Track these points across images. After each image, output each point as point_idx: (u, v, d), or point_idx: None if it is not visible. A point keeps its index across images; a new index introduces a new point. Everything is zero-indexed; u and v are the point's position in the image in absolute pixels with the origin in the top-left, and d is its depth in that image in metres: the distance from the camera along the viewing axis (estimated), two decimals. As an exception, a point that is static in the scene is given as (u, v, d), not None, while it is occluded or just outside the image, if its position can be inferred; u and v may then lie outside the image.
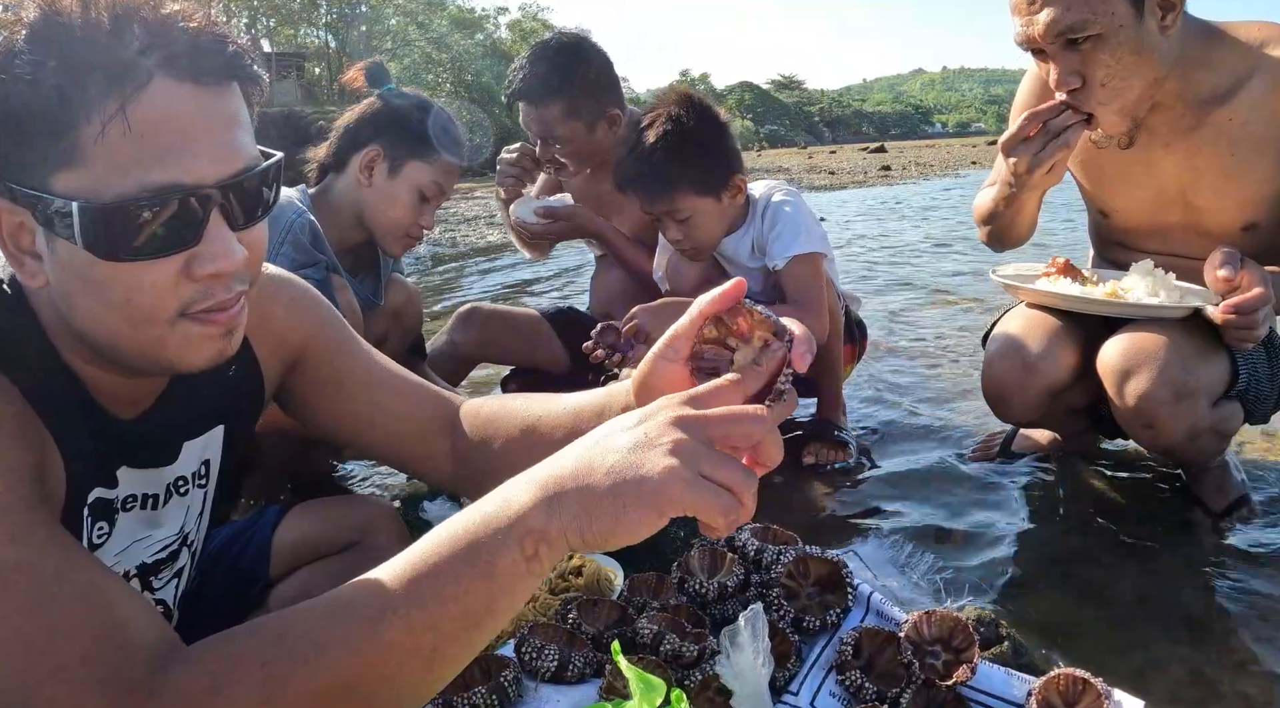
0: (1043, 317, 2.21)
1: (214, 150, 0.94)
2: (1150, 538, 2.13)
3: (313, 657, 0.85)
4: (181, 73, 0.90)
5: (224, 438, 1.34)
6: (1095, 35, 1.84)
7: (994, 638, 1.62)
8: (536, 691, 1.38)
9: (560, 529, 0.83)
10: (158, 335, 0.98)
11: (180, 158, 0.90)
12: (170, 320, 0.97)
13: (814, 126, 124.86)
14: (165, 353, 1.00)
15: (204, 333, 1.00)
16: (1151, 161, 2.08)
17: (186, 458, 1.26)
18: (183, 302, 0.96)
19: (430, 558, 0.87)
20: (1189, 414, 1.95)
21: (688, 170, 2.44)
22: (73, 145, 0.87)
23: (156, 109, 0.89)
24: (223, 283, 0.98)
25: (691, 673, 1.40)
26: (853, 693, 1.40)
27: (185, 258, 0.94)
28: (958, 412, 3.11)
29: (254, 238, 1.02)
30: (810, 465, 2.64)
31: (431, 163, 2.41)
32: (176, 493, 1.26)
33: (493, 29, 50.55)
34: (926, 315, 4.80)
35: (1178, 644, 1.70)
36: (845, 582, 1.63)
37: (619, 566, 1.83)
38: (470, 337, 3.24)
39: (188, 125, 0.91)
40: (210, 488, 1.36)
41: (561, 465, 0.86)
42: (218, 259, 0.95)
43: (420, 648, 0.86)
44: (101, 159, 0.88)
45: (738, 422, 0.86)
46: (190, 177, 0.91)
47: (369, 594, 0.87)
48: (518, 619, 1.58)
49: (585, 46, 2.99)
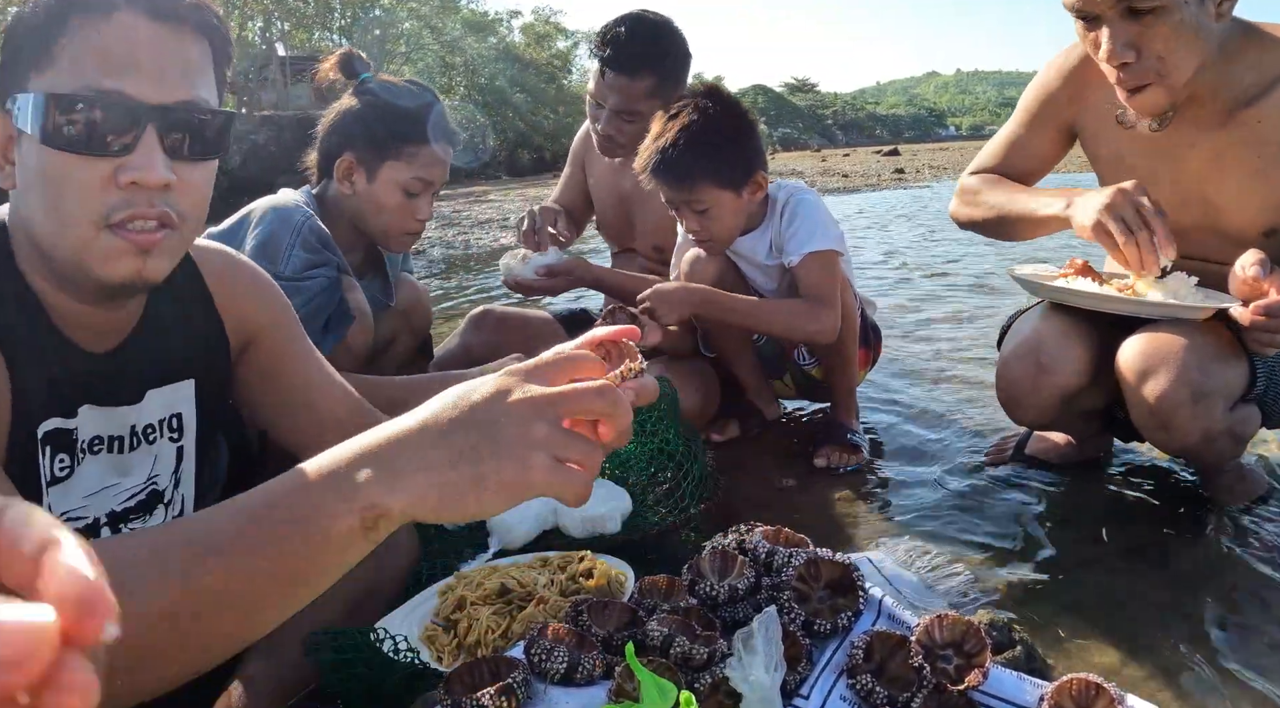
0: (1058, 317, 2.20)
1: (158, 76, 1.11)
2: (1165, 543, 2.12)
3: (131, 586, 0.81)
4: (143, 8, 1.10)
5: (195, 394, 1.43)
6: (1159, 6, 1.79)
7: (1006, 642, 1.61)
8: (546, 693, 1.38)
9: (404, 507, 0.82)
10: (83, 240, 1.11)
11: (126, 73, 1.09)
12: (95, 224, 1.10)
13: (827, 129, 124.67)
14: (89, 260, 1.12)
15: (122, 246, 1.12)
16: (1176, 156, 2.06)
17: (152, 405, 1.35)
18: (107, 207, 1.10)
19: (266, 507, 0.85)
20: (1206, 416, 1.93)
21: (709, 162, 2.44)
22: (48, 55, 1.09)
23: (116, 33, 1.09)
24: (144, 195, 1.11)
25: (702, 676, 1.40)
26: (864, 697, 1.39)
27: (113, 166, 1.09)
28: (971, 415, 3.09)
29: (193, 176, 1.16)
30: (822, 468, 2.63)
31: (409, 160, 2.32)
32: (145, 441, 1.34)
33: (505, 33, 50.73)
34: (941, 317, 4.78)
35: (1192, 650, 1.69)
36: (857, 585, 1.62)
37: (629, 568, 1.83)
38: (483, 339, 3.25)
39: (139, 50, 1.10)
40: (188, 445, 1.43)
41: (405, 437, 0.84)
42: (141, 170, 1.09)
43: (238, 595, 0.84)
44: (66, 65, 1.08)
45: (583, 399, 0.85)
46: (132, 90, 1.08)
47: (203, 530, 0.85)
48: (528, 620, 1.58)
49: (676, 29, 2.96)
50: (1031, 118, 2.33)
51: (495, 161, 35.14)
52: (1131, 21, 1.83)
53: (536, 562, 1.84)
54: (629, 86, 2.85)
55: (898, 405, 3.25)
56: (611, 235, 3.44)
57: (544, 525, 2.05)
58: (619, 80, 2.85)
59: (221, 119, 1.17)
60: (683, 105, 2.48)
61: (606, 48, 2.85)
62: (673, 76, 2.88)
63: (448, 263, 8.63)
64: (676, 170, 2.44)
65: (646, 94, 2.84)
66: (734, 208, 2.52)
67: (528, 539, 2.02)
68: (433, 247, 9.70)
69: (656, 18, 2.95)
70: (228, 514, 0.85)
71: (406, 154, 2.32)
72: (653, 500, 2.20)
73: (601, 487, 2.08)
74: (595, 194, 3.36)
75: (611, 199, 3.27)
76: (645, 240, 3.24)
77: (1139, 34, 1.84)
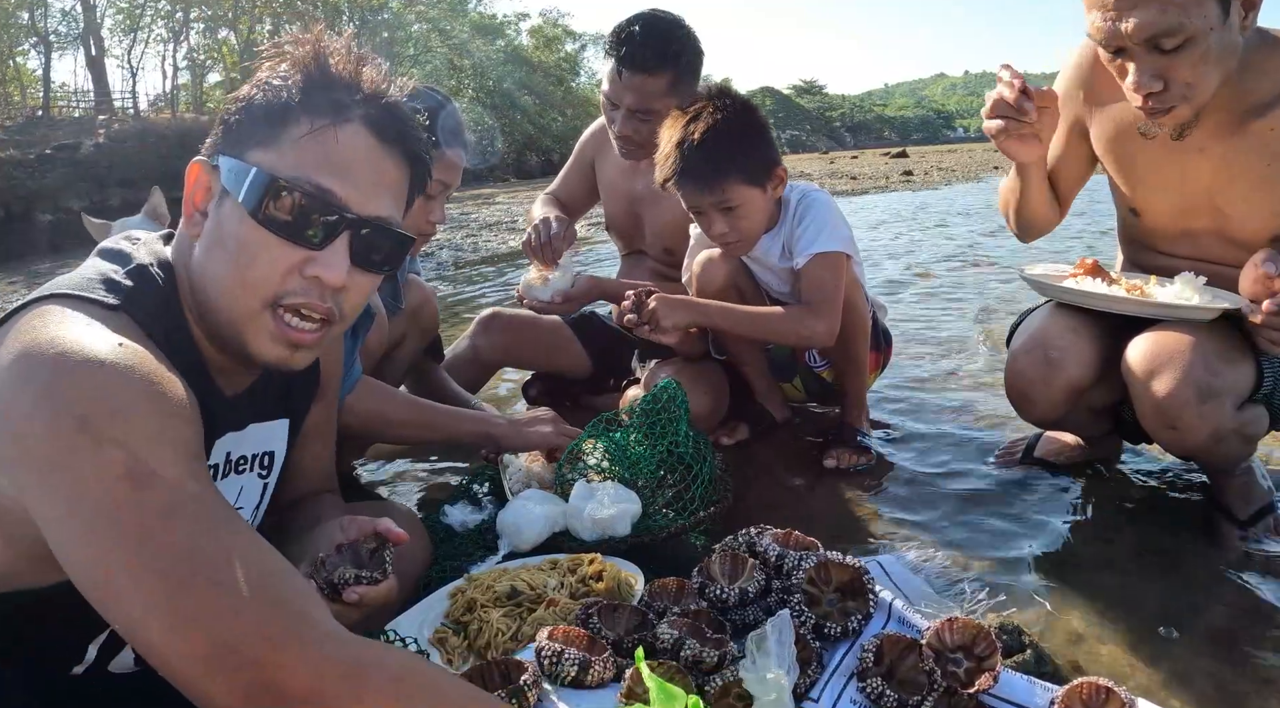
0: (1067, 314, 2.20)
1: (368, 191, 1.22)
2: (1174, 547, 2.11)
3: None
4: (372, 126, 1.23)
5: (287, 433, 1.51)
6: (1187, 39, 1.77)
7: (1017, 646, 1.61)
8: (556, 695, 1.38)
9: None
10: (249, 311, 1.20)
11: (344, 179, 1.20)
12: (265, 301, 1.20)
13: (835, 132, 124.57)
14: (246, 331, 1.21)
15: (280, 333, 1.21)
16: (1185, 163, 2.05)
17: (251, 437, 1.41)
18: (283, 289, 1.20)
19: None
20: (1214, 415, 1.93)
21: (738, 159, 2.44)
22: (278, 135, 1.19)
23: (344, 140, 1.21)
24: (319, 290, 1.21)
25: (712, 679, 1.40)
26: (874, 700, 1.39)
27: (305, 257, 1.19)
28: (981, 417, 3.09)
29: (362, 283, 1.26)
30: (832, 470, 2.63)
31: None
32: (234, 470, 1.39)
33: (513, 35, 50.83)
34: (950, 319, 4.77)
35: (1201, 655, 1.68)
36: (867, 588, 1.62)
37: (639, 570, 1.83)
38: (492, 342, 3.25)
39: (361, 163, 1.22)
40: (271, 482, 1.49)
41: None
42: (328, 267, 1.19)
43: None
44: (293, 151, 1.19)
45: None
46: (341, 194, 1.20)
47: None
48: (538, 623, 1.59)
49: (689, 27, 2.95)
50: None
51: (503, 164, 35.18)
52: (1157, 54, 1.81)
53: (546, 564, 1.85)
54: (645, 85, 2.83)
55: (907, 408, 3.25)
56: (621, 237, 3.44)
57: (553, 528, 2.05)
58: (635, 79, 2.84)
59: (403, 241, 1.28)
60: (699, 108, 2.48)
61: (621, 47, 2.84)
62: (688, 74, 2.88)
63: (456, 265, 8.65)
64: (705, 171, 2.44)
65: (662, 92, 2.82)
66: (761, 204, 2.52)
67: (537, 542, 2.02)
68: (441, 249, 9.72)
69: (669, 16, 2.94)
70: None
71: None
72: (662, 503, 2.20)
73: (611, 490, 2.08)
74: (605, 195, 3.36)
75: (622, 201, 3.26)
76: (655, 243, 3.23)
77: (1166, 66, 1.81)
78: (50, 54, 33.37)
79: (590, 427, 2.34)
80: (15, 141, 19.99)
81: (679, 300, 2.51)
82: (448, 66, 41.19)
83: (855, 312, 2.62)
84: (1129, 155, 2.16)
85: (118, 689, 1.33)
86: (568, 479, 2.20)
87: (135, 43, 36.28)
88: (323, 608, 1.03)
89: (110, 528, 0.95)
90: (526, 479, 2.31)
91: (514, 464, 2.38)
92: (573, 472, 2.23)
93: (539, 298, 2.86)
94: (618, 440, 2.31)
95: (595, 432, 2.33)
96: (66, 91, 37.01)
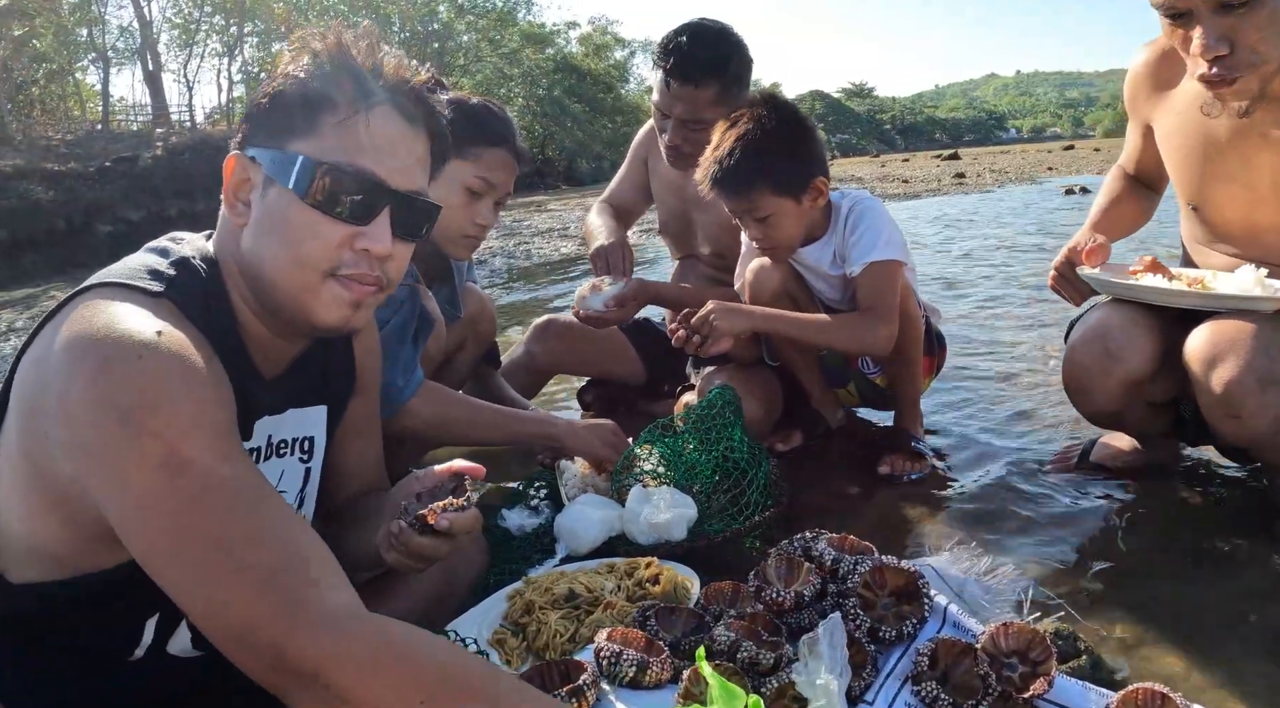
0: (1126, 308, 2.20)
1: (403, 168, 1.33)
2: (1233, 552, 2.09)
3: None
4: (398, 108, 1.33)
5: (326, 420, 1.58)
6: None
7: (1072, 651, 1.61)
8: (614, 695, 1.41)
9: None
10: (308, 284, 1.30)
11: (382, 160, 1.30)
12: (323, 273, 1.30)
13: (886, 134, 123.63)
14: (310, 301, 1.31)
15: (342, 295, 1.31)
16: (1248, 152, 2.04)
17: (289, 421, 1.49)
18: (337, 262, 1.30)
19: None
20: (1277, 403, 1.91)
21: (766, 170, 2.45)
22: (314, 123, 1.29)
23: (377, 123, 1.30)
24: (368, 261, 1.31)
25: (767, 681, 1.42)
26: (928, 704, 1.40)
27: (353, 232, 1.29)
28: (1036, 422, 3.07)
29: (402, 251, 1.37)
30: (886, 475, 2.64)
31: (473, 160, 2.31)
32: (276, 454, 1.47)
33: (563, 44, 51.02)
34: (1005, 324, 4.74)
35: (1259, 661, 1.66)
36: (922, 592, 1.63)
37: (695, 574, 1.85)
38: (547, 348, 3.30)
39: (395, 142, 1.33)
40: (314, 467, 1.56)
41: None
42: (376, 240, 1.30)
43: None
44: (331, 137, 1.28)
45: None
46: (381, 173, 1.30)
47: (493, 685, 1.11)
48: (595, 626, 1.62)
49: (737, 35, 2.96)
50: (1130, 119, 2.41)
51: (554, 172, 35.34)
52: (1224, 15, 1.80)
53: (603, 568, 1.88)
54: (694, 95, 2.84)
55: (962, 413, 3.24)
56: (674, 240, 3.46)
57: (610, 532, 2.08)
58: (684, 90, 2.85)
59: (433, 210, 1.40)
60: (738, 115, 2.50)
61: (669, 58, 2.84)
62: (736, 82, 2.88)
63: (509, 272, 8.73)
64: (734, 180, 2.46)
65: (712, 102, 2.83)
66: (795, 215, 2.54)
67: (594, 545, 2.06)
68: (494, 256, 9.82)
69: (716, 25, 2.95)
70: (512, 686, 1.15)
71: (471, 153, 2.31)
72: (717, 508, 2.23)
73: (668, 494, 2.11)
74: (659, 198, 3.38)
75: (676, 204, 3.28)
76: (707, 247, 3.26)
77: (1232, 27, 1.81)
78: (109, 69, 34.21)
79: (646, 433, 2.37)
80: (76, 155, 20.49)
81: (737, 308, 2.53)
82: (498, 75, 41.48)
83: (909, 318, 2.62)
84: (1190, 145, 2.16)
85: (178, 675, 1.39)
86: (624, 484, 2.23)
87: (191, 57, 36.99)
88: (344, 586, 1.12)
89: (152, 518, 1.08)
90: (582, 485, 2.35)
91: (570, 470, 2.41)
92: (629, 477, 2.26)
93: (592, 306, 2.89)
94: (673, 446, 2.34)
95: (651, 437, 2.36)
96: (125, 105, 37.83)
